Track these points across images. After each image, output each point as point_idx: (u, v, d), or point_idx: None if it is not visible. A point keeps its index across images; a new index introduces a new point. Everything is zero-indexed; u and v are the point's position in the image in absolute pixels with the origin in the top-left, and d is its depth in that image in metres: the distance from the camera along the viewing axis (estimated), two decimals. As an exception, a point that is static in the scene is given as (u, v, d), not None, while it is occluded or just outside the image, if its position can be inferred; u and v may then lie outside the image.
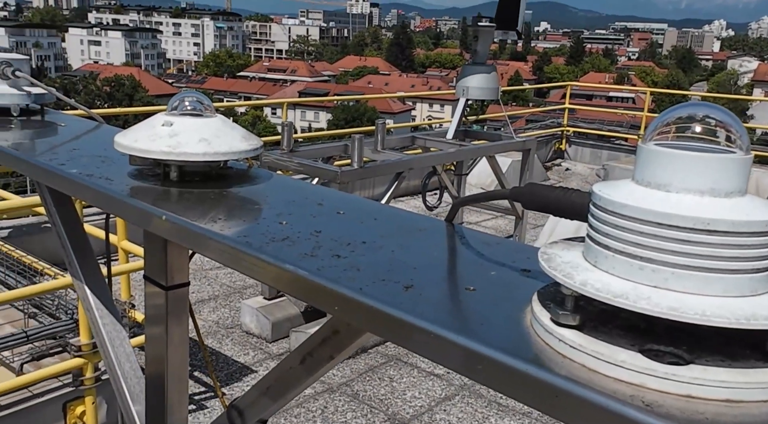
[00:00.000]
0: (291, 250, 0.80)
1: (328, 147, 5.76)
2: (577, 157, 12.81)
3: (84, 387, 3.52)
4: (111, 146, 1.36)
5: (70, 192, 1.15)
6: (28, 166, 1.28)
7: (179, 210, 0.99)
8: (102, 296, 1.44)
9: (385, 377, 4.87)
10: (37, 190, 1.52)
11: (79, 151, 1.33)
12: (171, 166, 1.11)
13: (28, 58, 1.74)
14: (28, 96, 1.67)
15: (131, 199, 1.04)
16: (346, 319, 0.70)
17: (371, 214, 0.99)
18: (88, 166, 1.20)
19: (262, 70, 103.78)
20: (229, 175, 1.18)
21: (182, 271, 1.23)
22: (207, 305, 5.95)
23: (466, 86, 6.29)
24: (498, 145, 6.28)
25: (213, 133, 1.09)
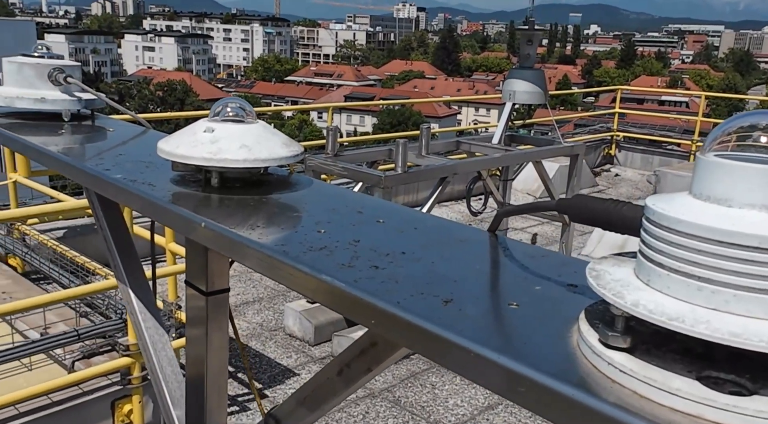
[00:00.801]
0: (328, 260, 0.79)
1: (372, 151, 5.76)
2: (627, 163, 12.49)
3: (131, 386, 3.60)
4: (156, 152, 1.38)
5: (114, 197, 1.17)
6: (76, 171, 1.30)
7: (219, 217, 0.98)
8: (145, 300, 1.45)
9: (427, 384, 4.83)
10: (85, 194, 1.55)
11: (124, 156, 1.34)
12: (212, 173, 1.11)
13: (79, 64, 1.78)
14: (79, 102, 1.71)
15: (172, 205, 1.04)
16: (382, 333, 0.67)
17: (412, 223, 0.97)
18: (132, 171, 1.21)
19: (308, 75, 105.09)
20: (269, 181, 1.17)
21: (222, 277, 1.23)
22: (251, 307, 6.03)
23: (512, 90, 6.19)
24: (545, 151, 6.16)
25: (254, 140, 1.08)
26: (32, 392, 3.23)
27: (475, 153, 6.30)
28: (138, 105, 58.93)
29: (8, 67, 1.69)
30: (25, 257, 5.07)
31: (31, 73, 1.67)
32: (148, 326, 1.45)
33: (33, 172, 5.55)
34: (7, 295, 4.87)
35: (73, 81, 1.69)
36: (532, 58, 6.15)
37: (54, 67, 1.68)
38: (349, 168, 5.11)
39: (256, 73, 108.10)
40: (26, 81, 1.68)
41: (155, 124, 5.25)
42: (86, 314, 3.98)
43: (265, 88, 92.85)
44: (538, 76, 6.15)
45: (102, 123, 1.76)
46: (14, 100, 1.64)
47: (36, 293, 4.94)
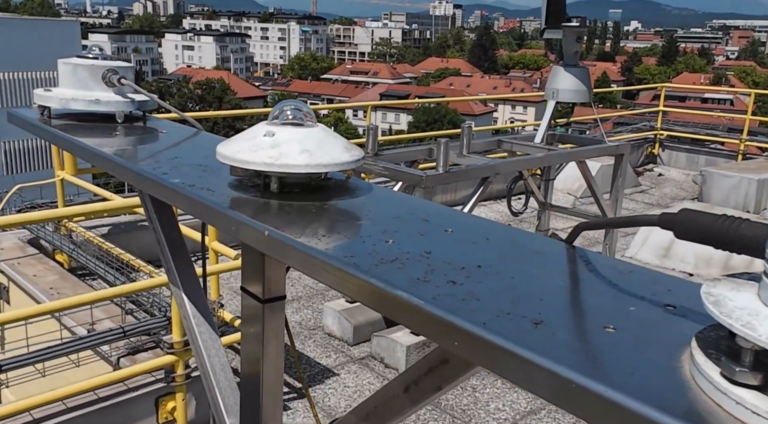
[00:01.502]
0: (401, 274, 0.74)
1: (412, 151, 5.71)
2: (671, 162, 12.16)
3: (175, 384, 3.63)
4: (211, 155, 1.35)
5: (172, 201, 1.15)
6: (132, 174, 1.29)
7: (281, 224, 0.95)
8: (199, 304, 1.43)
9: (468, 387, 4.76)
10: (139, 196, 1.53)
11: (180, 159, 1.33)
12: (271, 178, 1.07)
13: (132, 65, 1.78)
14: (132, 103, 1.71)
15: (232, 211, 1.01)
16: (464, 355, 0.63)
17: (482, 233, 0.92)
18: (189, 175, 1.19)
19: (344, 73, 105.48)
20: (328, 186, 1.13)
21: (279, 284, 1.20)
22: (290, 306, 6.04)
23: (555, 88, 6.07)
24: (589, 150, 6.02)
25: (315, 144, 1.05)
26: (80, 388, 3.28)
27: (516, 152, 6.19)
28: (177, 103, 60.03)
29: (63, 69, 1.69)
30: (72, 254, 5.17)
31: (85, 75, 1.67)
32: (201, 330, 1.43)
33: (79, 170, 5.66)
34: (55, 291, 4.98)
35: (127, 82, 1.68)
36: (577, 56, 6.01)
37: (108, 68, 1.68)
38: (389, 167, 5.07)
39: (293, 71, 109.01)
40: (80, 82, 1.68)
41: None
42: (131, 312, 4.03)
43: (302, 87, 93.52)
44: (583, 74, 6.01)
45: (153, 124, 1.76)
46: (69, 101, 1.64)
47: (82, 289, 5.04)
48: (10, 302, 5.41)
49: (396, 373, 4.94)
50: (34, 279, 5.08)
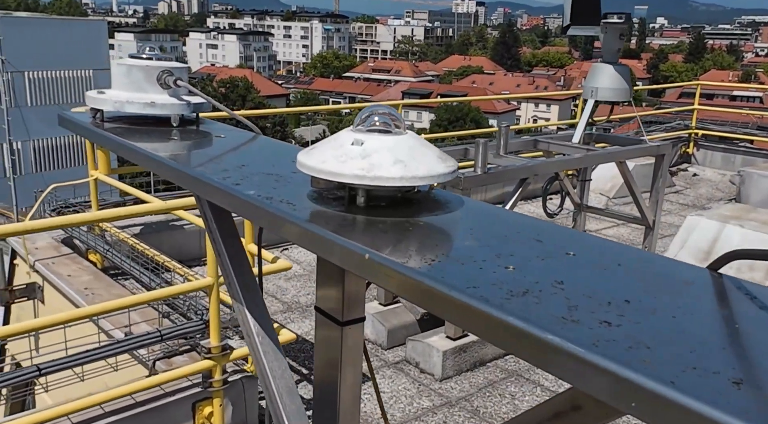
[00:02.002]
0: (541, 310, 0.64)
1: (446, 151, 5.58)
2: (706, 162, 11.86)
3: (212, 389, 3.57)
4: (278, 162, 1.26)
5: (247, 215, 1.05)
6: (197, 182, 1.20)
7: (378, 244, 0.85)
8: (263, 323, 1.34)
9: (507, 394, 4.64)
10: (198, 205, 1.44)
11: (248, 168, 1.23)
12: (358, 190, 0.97)
13: (187, 66, 1.69)
14: (187, 105, 1.62)
15: (320, 229, 0.91)
16: (643, 417, 0.52)
17: (610, 256, 0.81)
18: (263, 186, 1.10)
19: (366, 71, 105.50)
20: (417, 199, 1.03)
21: (359, 305, 1.10)
22: (322, 308, 5.96)
23: (595, 87, 5.90)
24: (629, 150, 5.84)
25: (408, 154, 0.94)
26: (119, 393, 3.23)
27: (553, 153, 6.04)
28: (202, 102, 60.49)
29: (117, 70, 1.61)
30: (107, 254, 5.15)
31: (140, 76, 1.59)
32: (266, 350, 1.33)
33: (113, 169, 5.64)
34: (90, 291, 4.96)
35: (183, 84, 1.60)
36: (618, 54, 5.83)
37: (163, 69, 1.59)
38: (426, 168, 4.96)
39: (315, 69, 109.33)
40: (135, 84, 1.59)
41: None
42: (167, 315, 3.98)
43: (324, 85, 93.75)
44: (624, 73, 5.84)
45: (207, 128, 1.67)
46: (124, 104, 1.56)
47: (116, 289, 5.02)
48: (45, 301, 5.42)
49: (432, 378, 4.84)
50: (69, 279, 5.07)
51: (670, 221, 8.83)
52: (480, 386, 4.74)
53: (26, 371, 3.14)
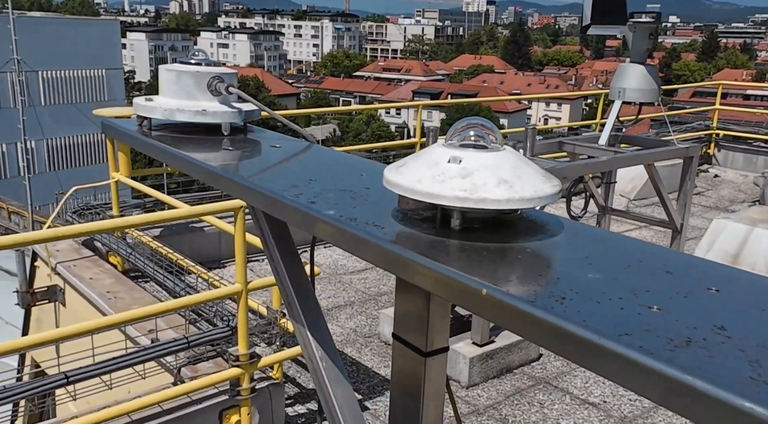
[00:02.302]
0: (717, 366, 0.55)
1: (472, 153, 5.49)
2: (728, 163, 11.69)
3: (240, 397, 3.50)
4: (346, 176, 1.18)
5: (329, 238, 0.97)
6: (265, 199, 1.12)
7: (485, 274, 0.76)
8: (327, 348, 1.26)
9: (535, 402, 4.54)
10: (253, 218, 1.36)
11: (318, 183, 1.15)
12: (453, 212, 0.89)
13: (236, 71, 1.62)
14: (238, 113, 1.54)
15: (413, 254, 0.83)
16: None
17: (749, 290, 0.72)
18: (341, 205, 1.01)
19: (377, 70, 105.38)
20: (513, 221, 0.94)
21: (444, 333, 1.02)
22: (343, 312, 5.89)
23: (622, 88, 5.77)
24: (658, 153, 5.71)
25: (511, 173, 0.86)
26: (147, 402, 3.17)
27: (578, 155, 5.93)
28: (213, 101, 60.71)
29: (166, 76, 1.53)
30: (129, 258, 5.10)
31: (189, 82, 1.51)
32: (330, 376, 1.25)
33: (134, 171, 5.59)
34: (112, 294, 4.91)
35: (235, 91, 1.52)
36: (647, 54, 5.71)
37: (213, 75, 1.52)
38: (452, 171, 4.87)
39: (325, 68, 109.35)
40: (184, 91, 1.52)
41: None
42: (194, 322, 3.92)
43: (334, 84, 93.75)
44: (652, 73, 5.71)
45: (258, 136, 1.59)
46: (174, 112, 1.48)
47: (139, 293, 4.97)
48: (66, 304, 5.38)
49: (458, 385, 4.75)
50: (91, 282, 5.03)
51: (693, 223, 8.68)
52: (507, 394, 4.65)
53: (54, 379, 3.09)
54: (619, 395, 4.68)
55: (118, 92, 36.89)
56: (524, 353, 5.03)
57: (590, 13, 5.98)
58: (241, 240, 3.27)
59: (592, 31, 6.19)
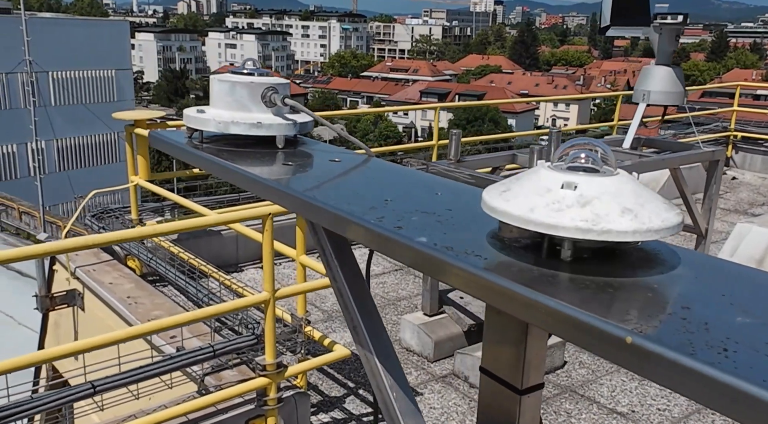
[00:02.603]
0: None
1: (495, 157, 5.42)
2: (746, 165, 11.55)
3: (267, 407, 3.43)
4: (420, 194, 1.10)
5: (417, 265, 0.90)
6: (342, 221, 1.04)
7: (618, 316, 0.69)
8: (397, 376, 1.18)
9: (562, 412, 4.45)
10: (313, 236, 1.29)
11: (396, 203, 1.08)
12: (564, 242, 0.81)
13: (288, 81, 1.55)
14: (293, 125, 1.47)
15: (535, 293, 0.75)
16: None
17: None
18: (431, 231, 0.94)
19: (384, 70, 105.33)
20: (622, 250, 0.87)
21: (540, 369, 0.94)
22: (363, 317, 5.81)
23: (647, 90, 5.68)
24: (684, 157, 5.62)
25: (633, 200, 0.78)
26: (175, 413, 3.10)
27: (602, 158, 5.84)
28: (221, 101, 60.70)
29: (218, 87, 1.47)
30: (150, 263, 5.05)
31: (243, 94, 1.44)
32: (401, 408, 1.18)
33: (153, 175, 5.54)
34: (133, 300, 4.86)
35: (291, 102, 1.45)
36: (672, 55, 5.61)
37: (268, 86, 1.45)
38: (476, 176, 4.79)
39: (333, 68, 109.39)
40: (238, 102, 1.45)
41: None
42: (218, 329, 3.85)
43: (342, 84, 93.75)
44: (678, 75, 5.62)
45: (311, 148, 1.52)
46: (229, 125, 1.42)
47: (159, 298, 4.91)
48: (85, 308, 5.33)
49: (482, 393, 4.67)
50: (111, 287, 4.97)
51: (712, 226, 8.56)
52: (534, 403, 4.56)
53: (80, 389, 3.03)
54: (647, 404, 4.59)
55: (128, 92, 36.99)
56: (548, 361, 4.95)
57: (610, 13, 5.88)
58: (269, 247, 3.21)
59: (611, 33, 6.09)
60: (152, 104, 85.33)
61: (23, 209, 26.63)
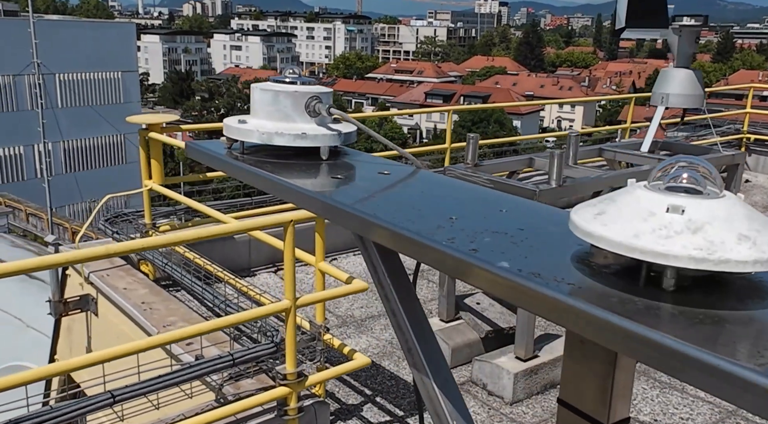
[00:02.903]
0: None
1: (512, 161, 5.35)
2: (759, 168, 11.44)
3: (288, 417, 3.37)
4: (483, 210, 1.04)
5: (500, 292, 0.83)
6: (406, 242, 0.98)
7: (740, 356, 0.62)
8: (455, 401, 1.12)
9: None
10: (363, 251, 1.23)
11: (461, 221, 1.01)
12: (666, 270, 0.75)
13: (331, 90, 1.48)
14: (338, 136, 1.41)
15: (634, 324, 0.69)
16: None
17: None
18: (511, 254, 0.87)
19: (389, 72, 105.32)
20: (727, 279, 0.80)
21: (626, 402, 0.88)
22: (378, 322, 5.75)
23: (666, 93, 5.60)
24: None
25: (748, 226, 0.72)
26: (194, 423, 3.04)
27: (620, 162, 5.77)
28: (227, 103, 60.86)
29: (260, 96, 1.40)
30: (166, 268, 4.99)
31: (287, 103, 1.38)
32: (463, 435, 1.11)
33: (167, 179, 5.48)
34: (147, 306, 4.81)
35: (337, 112, 1.39)
36: (692, 58, 5.54)
37: (312, 95, 1.39)
38: (495, 180, 4.73)
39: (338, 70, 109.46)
40: (281, 112, 1.39)
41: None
42: (236, 337, 3.79)
43: (347, 86, 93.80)
44: (698, 78, 5.54)
45: (356, 159, 1.45)
46: (273, 136, 1.35)
47: (174, 304, 4.85)
48: (98, 314, 5.28)
49: (501, 401, 4.60)
50: (125, 292, 4.92)
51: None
52: (553, 411, 4.49)
53: (101, 399, 2.97)
54: (669, 413, 4.51)
55: (134, 94, 37.05)
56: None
57: (625, 15, 5.79)
58: (290, 255, 3.15)
59: (627, 35, 6.01)
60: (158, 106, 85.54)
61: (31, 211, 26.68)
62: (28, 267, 2.44)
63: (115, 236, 5.52)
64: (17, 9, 38.51)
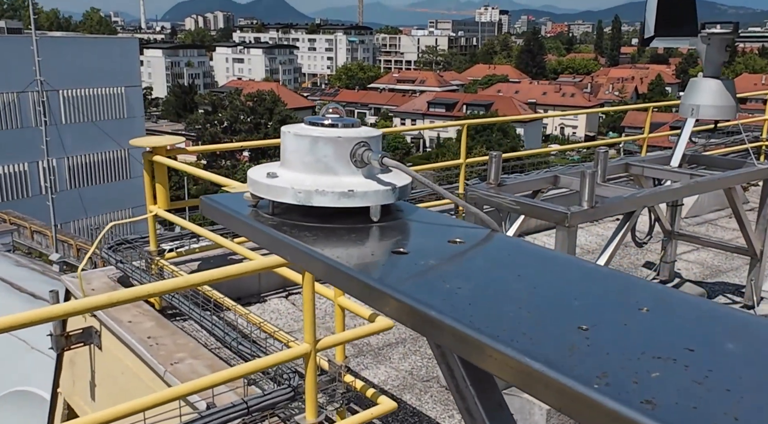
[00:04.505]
0: None
1: (536, 179, 5.05)
2: (779, 177, 11.09)
3: (310, 473, 3.08)
4: (632, 319, 0.75)
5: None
6: (503, 360, 0.69)
7: None
8: None
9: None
10: (439, 355, 0.94)
11: (596, 333, 0.72)
12: None
13: (381, 132, 1.19)
14: (392, 191, 1.12)
15: None
16: None
17: None
18: (697, 403, 0.59)
19: (391, 82, 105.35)
20: None
21: None
22: (396, 350, 5.45)
23: (696, 104, 5.31)
24: (739, 175, 5.23)
25: None
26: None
27: (645, 177, 5.47)
28: (230, 115, 60.76)
29: (294, 143, 1.12)
30: (172, 301, 4.71)
31: (328, 152, 1.10)
32: None
33: (172, 204, 5.22)
34: (153, 340, 4.53)
35: (391, 162, 1.10)
36: (721, 67, 5.25)
37: (359, 141, 1.10)
38: (522, 202, 4.42)
39: (340, 81, 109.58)
40: (320, 163, 1.10)
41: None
42: (254, 382, 3.50)
43: (349, 96, 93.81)
44: (729, 88, 5.25)
45: (413, 218, 1.17)
46: (312, 195, 1.07)
47: (181, 338, 4.57)
48: (102, 347, 5.00)
49: (533, 439, 4.29)
50: (130, 326, 4.65)
51: None
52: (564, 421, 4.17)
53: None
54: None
55: (137, 109, 36.95)
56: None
57: (654, 24, 5.51)
58: (309, 294, 2.87)
59: (656, 44, 5.73)
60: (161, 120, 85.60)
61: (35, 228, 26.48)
62: (25, 321, 2.17)
63: (119, 265, 5.25)
64: (21, 26, 38.51)
